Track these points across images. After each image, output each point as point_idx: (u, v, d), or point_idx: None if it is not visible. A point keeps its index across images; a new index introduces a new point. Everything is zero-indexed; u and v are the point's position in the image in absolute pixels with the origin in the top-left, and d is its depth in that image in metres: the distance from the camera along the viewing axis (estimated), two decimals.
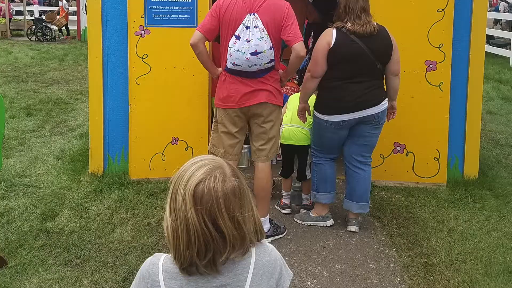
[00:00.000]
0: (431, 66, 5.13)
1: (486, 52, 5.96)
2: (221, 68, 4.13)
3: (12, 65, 13.57)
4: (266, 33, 3.84)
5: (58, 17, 20.84)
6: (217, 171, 1.51)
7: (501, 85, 11.32)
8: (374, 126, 4.14)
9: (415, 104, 5.13)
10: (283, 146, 4.56)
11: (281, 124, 4.40)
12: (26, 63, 13.98)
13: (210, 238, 1.47)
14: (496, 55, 15.48)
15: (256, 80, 3.97)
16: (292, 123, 4.53)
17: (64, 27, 21.44)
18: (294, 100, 4.59)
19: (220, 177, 1.50)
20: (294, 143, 4.55)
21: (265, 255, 1.61)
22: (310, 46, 7.33)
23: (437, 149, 5.22)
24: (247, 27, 3.83)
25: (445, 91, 5.14)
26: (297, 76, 6.03)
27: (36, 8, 25.64)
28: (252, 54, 3.80)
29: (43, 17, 21.41)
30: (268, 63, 3.91)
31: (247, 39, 3.81)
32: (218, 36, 4.08)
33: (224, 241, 1.48)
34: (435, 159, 5.24)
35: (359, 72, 4.03)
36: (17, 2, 28.42)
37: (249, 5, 3.88)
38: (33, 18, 22.25)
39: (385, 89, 4.22)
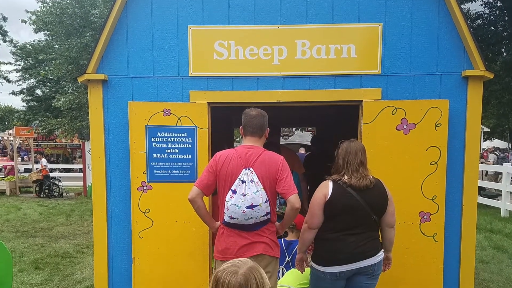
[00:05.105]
0: (425, 217, 5.19)
1: (477, 203, 6.11)
2: (219, 221, 4.21)
3: (21, 221, 13.90)
4: (262, 186, 3.93)
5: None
6: None
7: (492, 235, 11.48)
8: (370, 277, 4.10)
9: (410, 254, 5.16)
10: None
11: None
12: (34, 219, 14.29)
13: None
14: (487, 205, 15.83)
15: (253, 233, 4.02)
16: None
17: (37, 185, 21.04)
18: (288, 276, 4.66)
19: None
20: None
21: None
22: None
23: None
24: (243, 182, 3.93)
25: (439, 241, 5.18)
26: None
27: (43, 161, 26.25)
28: (248, 207, 3.88)
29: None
30: (264, 216, 3.97)
31: (243, 193, 3.90)
32: (216, 190, 4.18)
33: None
34: None
35: (355, 224, 4.02)
36: (26, 161, 29.49)
37: (244, 160, 4.02)
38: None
39: (380, 240, 4.23)
